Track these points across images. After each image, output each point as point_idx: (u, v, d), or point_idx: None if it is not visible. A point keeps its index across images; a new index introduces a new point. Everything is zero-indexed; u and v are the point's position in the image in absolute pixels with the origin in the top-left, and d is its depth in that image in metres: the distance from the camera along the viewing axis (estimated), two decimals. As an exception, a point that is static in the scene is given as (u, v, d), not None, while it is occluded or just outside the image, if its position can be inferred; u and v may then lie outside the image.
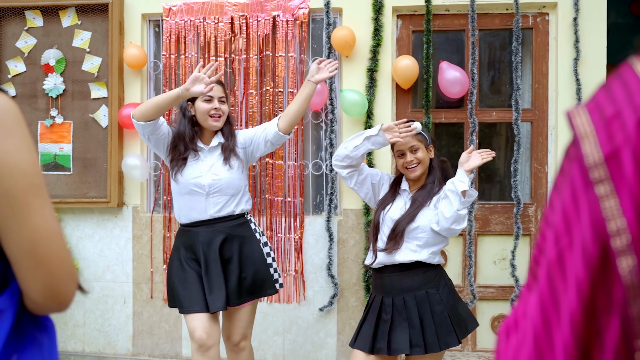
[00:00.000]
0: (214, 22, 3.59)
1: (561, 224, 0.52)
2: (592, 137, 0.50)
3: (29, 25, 3.75)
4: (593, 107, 0.52)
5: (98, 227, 3.76)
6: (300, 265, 3.59)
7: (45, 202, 0.85)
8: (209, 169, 2.65)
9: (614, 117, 0.50)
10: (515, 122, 3.46)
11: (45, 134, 3.76)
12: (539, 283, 0.54)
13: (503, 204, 3.56)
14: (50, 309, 0.90)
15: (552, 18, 3.50)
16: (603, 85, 0.53)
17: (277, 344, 3.64)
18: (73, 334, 3.80)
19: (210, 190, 2.63)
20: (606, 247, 0.48)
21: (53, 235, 0.85)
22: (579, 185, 0.50)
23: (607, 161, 0.49)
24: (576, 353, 0.50)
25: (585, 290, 0.49)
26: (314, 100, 3.43)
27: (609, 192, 0.48)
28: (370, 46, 3.50)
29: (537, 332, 0.53)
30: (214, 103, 2.65)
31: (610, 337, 0.49)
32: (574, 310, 0.50)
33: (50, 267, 0.85)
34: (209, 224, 2.65)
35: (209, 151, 2.69)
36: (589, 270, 0.49)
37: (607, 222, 0.48)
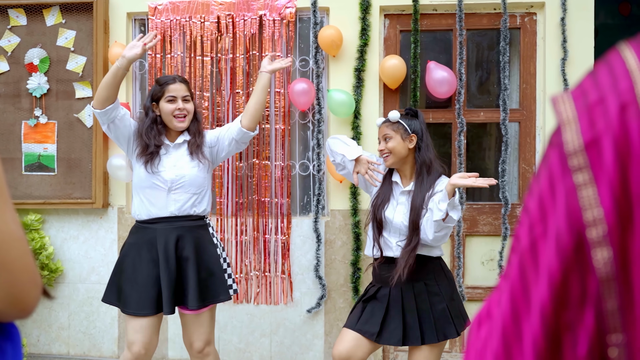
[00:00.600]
0: (200, 21, 3.56)
1: (536, 211, 0.50)
2: (574, 123, 0.48)
3: (12, 24, 3.70)
4: (578, 94, 0.50)
5: (83, 229, 3.71)
6: (287, 267, 3.57)
7: (5, 206, 0.82)
8: (174, 165, 2.62)
9: (597, 104, 0.48)
10: (503, 122, 3.44)
11: (29, 134, 3.71)
12: (510, 271, 0.52)
13: (491, 205, 3.55)
14: (12, 316, 0.86)
15: (540, 18, 3.49)
16: (590, 71, 0.51)
17: (264, 346, 3.61)
18: (58, 337, 3.76)
19: (172, 186, 2.59)
20: (581, 237, 0.46)
21: (14, 240, 0.82)
22: (557, 172, 0.48)
23: (587, 148, 0.47)
24: (545, 346, 0.48)
25: (557, 281, 0.47)
26: (301, 100, 3.41)
27: (587, 181, 0.46)
28: (357, 46, 3.47)
29: (506, 323, 0.51)
30: (177, 103, 2.61)
31: (583, 331, 0.47)
32: (544, 302, 0.48)
33: (12, 273, 0.82)
34: (168, 221, 2.60)
35: (174, 147, 2.66)
36: (562, 261, 0.47)
37: (583, 212, 0.46)
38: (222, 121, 3.57)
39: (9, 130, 3.73)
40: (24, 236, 0.84)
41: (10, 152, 3.71)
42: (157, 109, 2.65)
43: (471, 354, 0.54)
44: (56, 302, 3.75)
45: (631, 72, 0.47)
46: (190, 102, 2.67)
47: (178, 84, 2.64)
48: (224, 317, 3.61)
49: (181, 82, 2.66)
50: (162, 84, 2.65)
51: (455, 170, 3.50)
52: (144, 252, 2.59)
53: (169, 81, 2.65)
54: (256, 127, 2.72)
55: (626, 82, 0.47)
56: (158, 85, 2.66)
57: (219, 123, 3.57)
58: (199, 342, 2.65)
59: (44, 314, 3.76)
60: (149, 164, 2.60)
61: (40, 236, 3.62)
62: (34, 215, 3.65)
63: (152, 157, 2.60)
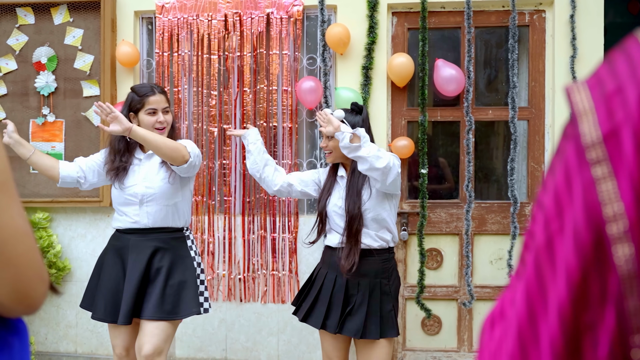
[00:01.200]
0: (208, 20, 3.56)
1: (552, 206, 0.48)
2: (590, 114, 0.46)
3: (20, 23, 3.71)
4: (594, 83, 0.48)
5: (90, 227, 3.72)
6: (294, 265, 3.56)
7: (12, 200, 0.81)
8: (144, 178, 2.60)
9: (615, 93, 0.45)
10: (511, 121, 3.42)
11: (37, 132, 3.72)
12: (525, 270, 0.50)
13: (499, 203, 3.52)
14: (19, 312, 0.85)
15: (549, 15, 3.47)
16: (606, 59, 0.49)
17: (271, 345, 3.60)
18: (65, 335, 3.76)
19: (143, 199, 2.58)
20: (601, 233, 0.44)
21: (21, 235, 0.81)
22: (574, 165, 0.46)
23: (606, 140, 0.45)
24: (564, 348, 0.46)
25: (576, 280, 0.45)
26: (309, 98, 3.40)
27: (606, 174, 0.44)
28: (365, 44, 3.46)
29: (521, 323, 0.49)
30: (158, 115, 2.59)
31: (604, 331, 0.45)
32: (562, 301, 0.46)
33: (18, 268, 0.81)
34: (142, 233, 2.59)
35: (146, 158, 2.64)
36: (581, 258, 0.45)
37: (602, 207, 0.44)
38: (229, 119, 3.56)
39: (17, 129, 3.68)
40: (31, 231, 0.83)
41: (18, 150, 3.72)
42: (134, 119, 2.61)
43: (485, 355, 0.53)
44: (64, 300, 3.75)
45: None
46: (169, 113, 2.65)
47: (158, 95, 2.59)
48: (231, 316, 3.60)
49: (160, 93, 2.62)
50: (142, 95, 2.59)
51: (463, 168, 3.48)
52: (117, 260, 2.62)
53: (149, 93, 2.58)
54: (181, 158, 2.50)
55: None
56: (137, 97, 2.60)
57: (227, 121, 3.56)
58: (148, 345, 2.50)
59: (52, 312, 3.76)
60: (117, 180, 2.61)
61: (48, 234, 3.63)
62: (41, 214, 3.66)
63: (118, 172, 2.60)
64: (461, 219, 3.50)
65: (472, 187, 3.46)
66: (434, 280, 3.55)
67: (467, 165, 3.47)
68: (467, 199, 3.46)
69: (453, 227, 3.53)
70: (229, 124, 3.57)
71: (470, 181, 3.46)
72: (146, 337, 2.51)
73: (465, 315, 3.55)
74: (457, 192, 3.57)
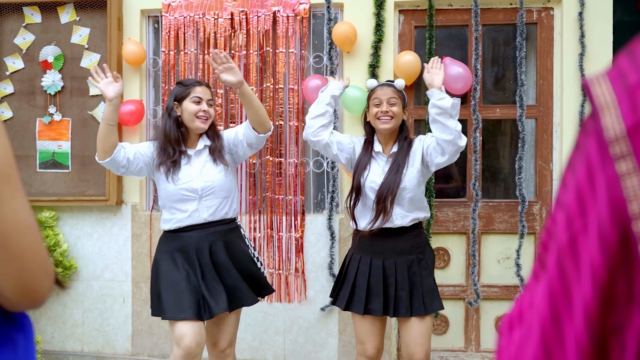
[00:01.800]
0: (214, 18, 3.55)
1: (574, 205, 0.46)
2: (613, 107, 0.44)
3: (27, 22, 3.71)
4: (615, 75, 0.46)
5: (97, 226, 3.72)
6: (301, 264, 3.55)
7: (16, 193, 0.80)
8: (200, 172, 2.59)
9: (638, 85, 0.44)
10: (519, 119, 3.40)
11: (43, 131, 3.72)
12: (547, 271, 0.48)
13: (507, 202, 3.50)
14: (24, 306, 0.85)
15: (557, 13, 3.44)
16: (626, 50, 0.47)
17: (277, 344, 3.59)
18: (72, 334, 3.76)
19: (203, 194, 2.57)
20: (627, 231, 0.43)
21: (25, 228, 0.80)
22: (596, 161, 0.45)
23: (630, 134, 0.43)
24: (591, 350, 0.44)
25: (602, 280, 0.43)
26: (315, 96, 3.38)
27: (631, 170, 0.43)
28: (371, 42, 3.45)
29: (545, 327, 0.47)
30: (202, 105, 2.60)
31: (632, 334, 0.43)
32: (588, 302, 0.44)
33: (22, 262, 0.80)
34: (201, 228, 2.58)
35: (196, 155, 2.63)
36: (607, 257, 0.43)
37: (628, 203, 0.42)
38: (235, 118, 3.56)
39: (24, 128, 3.74)
40: (36, 225, 0.82)
41: (25, 149, 3.73)
42: (178, 108, 2.62)
43: (505, 358, 0.51)
44: (70, 299, 3.75)
45: None
46: (212, 107, 2.66)
47: (204, 87, 2.65)
48: (237, 315, 3.59)
49: (206, 87, 2.67)
50: (188, 85, 2.64)
51: (470, 167, 3.46)
52: (179, 258, 2.54)
53: (195, 83, 2.64)
54: (269, 125, 2.66)
55: None
56: (183, 86, 2.64)
57: (233, 120, 3.56)
58: (224, 341, 2.67)
59: (58, 311, 3.77)
60: (170, 173, 2.57)
61: (55, 233, 3.63)
62: (48, 213, 3.66)
63: (175, 165, 2.57)
64: (468, 218, 3.48)
65: (479, 185, 3.44)
66: (441, 279, 3.52)
67: (474, 163, 3.45)
68: (474, 197, 3.44)
69: (460, 226, 3.51)
70: (235, 123, 3.56)
71: (477, 180, 3.44)
72: (221, 334, 2.66)
73: (473, 315, 3.53)
74: (464, 191, 3.56)
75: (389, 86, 2.58)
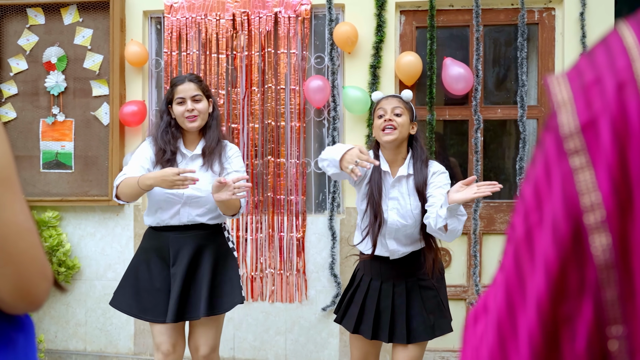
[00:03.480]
0: (216, 19, 3.57)
1: (531, 198, 0.47)
2: (569, 105, 0.46)
3: (30, 23, 3.74)
4: (574, 74, 0.47)
5: (100, 226, 3.74)
6: (302, 264, 3.55)
7: (15, 197, 0.81)
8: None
9: (593, 84, 0.45)
10: (520, 119, 3.40)
11: (47, 132, 3.75)
12: (505, 263, 0.49)
13: (508, 203, 3.50)
14: (21, 309, 0.85)
15: (559, 13, 3.44)
16: (586, 51, 0.49)
17: (279, 344, 3.60)
18: (75, 333, 3.79)
19: (187, 201, 2.50)
20: (579, 224, 0.44)
21: (23, 232, 0.81)
22: (553, 156, 0.46)
23: (584, 130, 0.44)
24: (542, 340, 0.45)
25: (555, 272, 0.45)
26: (316, 97, 3.40)
27: (584, 164, 0.44)
28: (373, 42, 3.45)
29: (501, 317, 0.48)
30: (186, 104, 2.51)
31: (582, 323, 0.44)
32: (541, 294, 0.45)
33: (20, 265, 0.80)
34: (180, 230, 2.53)
35: (192, 159, 2.56)
36: (559, 250, 0.44)
37: (580, 197, 0.44)
38: (237, 119, 3.57)
39: (28, 128, 3.76)
40: (34, 228, 0.83)
41: (29, 149, 3.75)
42: (172, 111, 2.57)
43: (467, 350, 0.52)
44: (73, 298, 3.78)
45: (629, 50, 0.45)
46: (201, 102, 2.55)
47: (187, 83, 2.53)
48: (239, 315, 3.60)
49: (191, 81, 2.55)
50: (172, 85, 2.57)
51: (472, 167, 3.46)
52: (157, 258, 2.54)
53: (178, 82, 2.56)
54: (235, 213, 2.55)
55: (623, 60, 0.45)
56: (170, 87, 2.59)
57: (235, 120, 3.57)
58: (205, 347, 2.59)
59: (62, 310, 3.79)
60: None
61: (58, 233, 3.65)
62: (51, 213, 3.68)
63: (170, 164, 2.50)
64: (469, 219, 3.48)
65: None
66: (442, 279, 3.53)
67: (475, 164, 3.45)
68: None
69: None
70: (237, 123, 3.57)
71: (478, 180, 3.44)
72: (201, 339, 2.58)
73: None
74: (466, 192, 3.55)
75: (395, 97, 2.44)
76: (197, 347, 2.60)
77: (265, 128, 3.55)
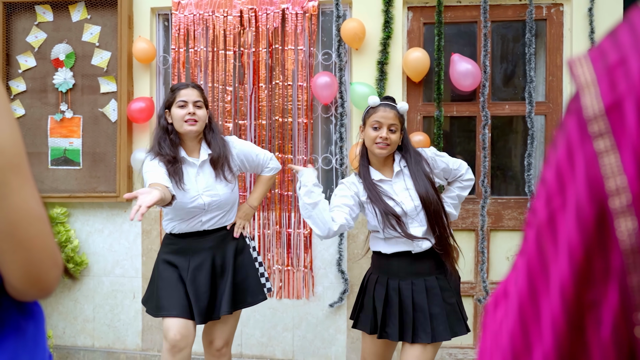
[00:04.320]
0: (223, 16, 3.57)
1: (554, 182, 0.47)
2: (593, 86, 0.45)
3: (39, 20, 3.75)
4: (596, 55, 0.46)
5: (107, 222, 3.75)
6: (309, 261, 3.56)
7: (25, 183, 0.81)
8: (205, 187, 2.54)
9: (618, 64, 0.44)
10: (528, 116, 3.39)
11: (55, 128, 3.76)
12: (527, 248, 0.49)
13: (516, 199, 3.49)
14: (31, 296, 0.85)
15: (567, 9, 3.43)
16: (610, 31, 0.48)
17: (286, 340, 3.61)
18: (83, 329, 3.80)
19: (208, 209, 2.56)
20: (603, 208, 0.43)
21: (33, 218, 0.81)
22: (576, 140, 0.45)
23: (608, 113, 0.43)
24: (566, 326, 0.45)
25: (579, 257, 0.44)
26: (324, 93, 3.40)
27: (608, 147, 0.43)
28: (380, 39, 3.45)
29: (523, 302, 0.47)
30: (188, 108, 2.51)
31: (607, 309, 0.44)
32: (564, 279, 0.45)
33: (30, 251, 0.80)
34: (200, 235, 2.60)
35: (201, 167, 2.57)
36: (584, 234, 0.44)
37: (605, 180, 0.43)
38: (244, 115, 3.57)
39: (36, 125, 3.78)
40: (44, 214, 0.83)
41: (37, 146, 3.77)
42: (169, 116, 2.57)
43: (487, 336, 0.52)
44: (81, 294, 3.79)
45: None
46: (202, 109, 2.56)
47: (190, 89, 2.55)
48: (246, 311, 3.60)
49: (193, 88, 2.57)
50: (174, 89, 2.58)
51: (479, 164, 3.45)
52: (178, 261, 2.57)
53: (181, 87, 2.57)
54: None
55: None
56: (170, 92, 2.60)
57: (242, 117, 3.57)
58: (220, 340, 2.67)
59: (70, 306, 3.80)
60: (177, 182, 2.47)
61: (66, 229, 3.66)
62: (59, 209, 3.70)
63: (175, 171, 2.48)
64: (477, 215, 3.48)
65: (488, 182, 3.44)
66: (449, 276, 3.52)
67: (482, 160, 3.44)
68: (483, 194, 3.44)
69: (469, 223, 3.50)
70: (244, 120, 3.57)
71: (486, 176, 3.44)
72: (217, 332, 2.67)
73: (481, 312, 3.51)
74: (473, 188, 3.55)
75: (392, 108, 2.37)
76: (211, 341, 2.68)
77: (273, 125, 3.55)
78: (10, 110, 0.81)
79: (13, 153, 0.79)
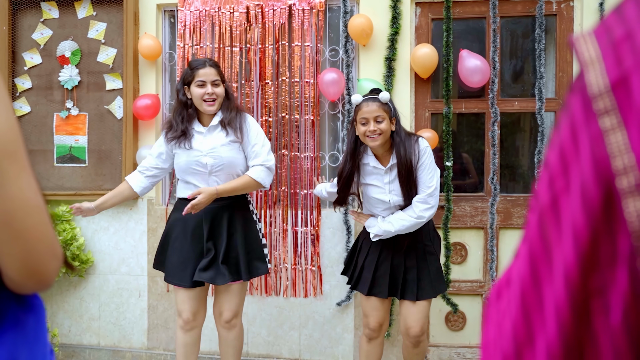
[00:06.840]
0: (229, 12, 3.54)
1: (557, 164, 0.44)
2: (597, 63, 0.42)
3: (44, 17, 3.74)
4: (601, 31, 0.44)
5: (113, 220, 3.73)
6: (317, 259, 3.52)
7: (22, 171, 0.78)
8: (210, 148, 2.68)
9: (623, 39, 0.42)
10: (538, 112, 3.35)
11: (60, 125, 3.74)
12: (529, 232, 0.46)
13: (525, 197, 3.45)
14: (30, 288, 0.82)
15: (577, 4, 3.39)
16: (615, 7, 0.45)
17: (293, 339, 3.57)
18: (88, 327, 3.78)
19: (212, 170, 2.68)
20: (610, 188, 0.41)
21: (30, 208, 0.78)
22: (580, 118, 0.42)
23: (614, 89, 0.41)
24: (571, 313, 0.42)
25: (584, 240, 0.41)
26: (331, 90, 3.37)
27: (615, 125, 0.40)
28: (388, 34, 3.42)
29: (525, 290, 0.45)
30: (206, 87, 2.68)
31: (616, 295, 0.41)
32: (569, 264, 0.42)
33: (28, 242, 0.77)
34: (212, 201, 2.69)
35: (209, 131, 2.72)
36: (589, 217, 0.41)
37: (612, 159, 0.40)
38: (251, 112, 3.55)
39: (42, 122, 3.76)
40: (43, 204, 0.80)
41: (43, 143, 3.75)
42: (188, 92, 2.72)
43: (490, 328, 0.49)
44: (87, 293, 3.77)
45: None
46: (220, 86, 2.72)
47: (208, 68, 2.69)
48: (252, 310, 3.58)
49: (211, 66, 2.71)
50: (193, 68, 2.71)
51: (488, 161, 3.41)
52: (188, 226, 2.69)
53: (199, 65, 2.70)
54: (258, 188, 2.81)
55: None
56: (189, 70, 2.73)
57: (249, 113, 3.54)
58: (229, 312, 2.77)
59: (75, 304, 3.79)
60: (183, 143, 2.69)
61: (72, 227, 3.64)
62: (65, 207, 3.68)
63: (184, 137, 2.69)
64: (486, 213, 3.44)
65: (497, 180, 3.40)
66: (458, 274, 3.49)
67: (492, 157, 3.40)
68: (492, 192, 3.40)
69: (478, 221, 3.46)
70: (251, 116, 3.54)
71: (495, 174, 3.40)
72: (225, 304, 2.78)
73: (484, 304, 3.47)
74: (482, 186, 3.51)
75: (374, 101, 2.57)
76: (221, 312, 2.79)
77: (279, 121, 3.53)
78: (5, 97, 0.78)
79: (8, 140, 0.76)
